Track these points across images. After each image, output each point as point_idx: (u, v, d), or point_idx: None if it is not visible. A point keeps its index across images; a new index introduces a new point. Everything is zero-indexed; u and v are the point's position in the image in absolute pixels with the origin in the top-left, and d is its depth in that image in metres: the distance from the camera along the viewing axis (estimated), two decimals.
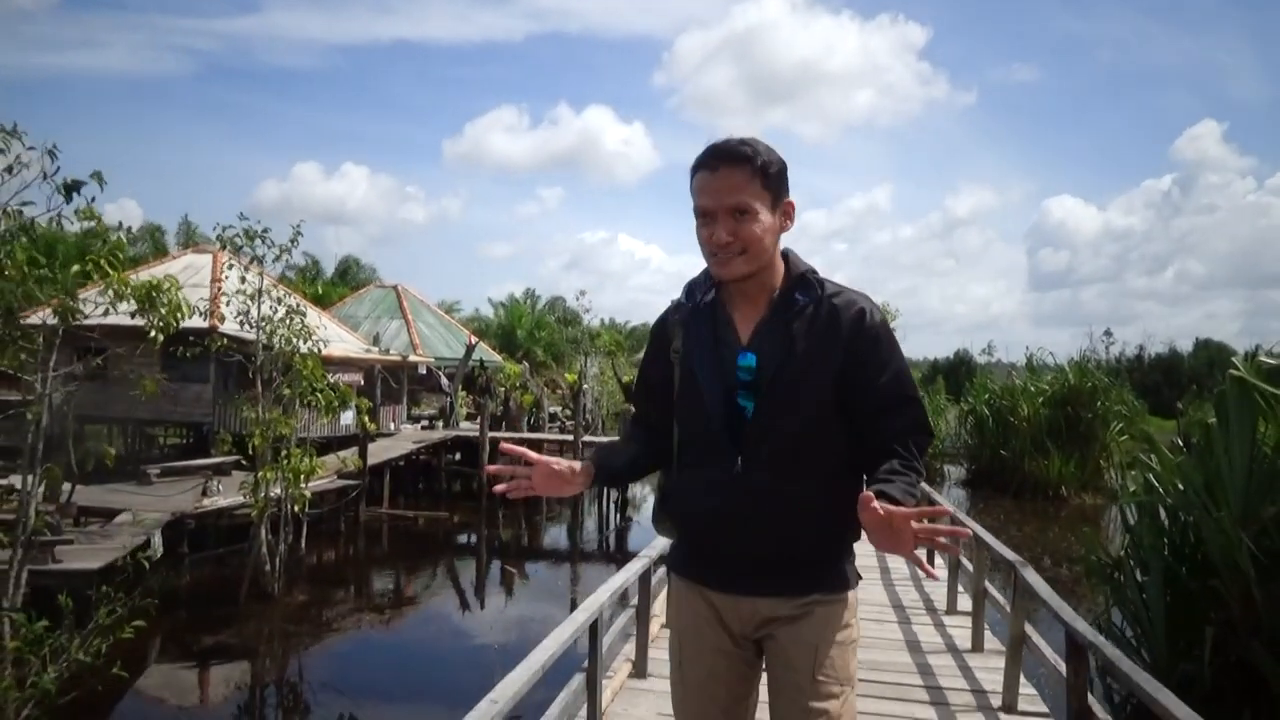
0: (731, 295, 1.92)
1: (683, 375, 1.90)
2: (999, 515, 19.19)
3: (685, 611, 1.98)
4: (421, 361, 25.69)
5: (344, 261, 44.33)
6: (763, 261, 1.84)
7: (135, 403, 13.77)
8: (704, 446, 1.86)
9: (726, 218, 1.77)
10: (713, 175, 1.78)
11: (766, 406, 1.80)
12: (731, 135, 1.82)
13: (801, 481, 1.81)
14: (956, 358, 49.19)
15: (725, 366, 1.85)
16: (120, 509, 11.69)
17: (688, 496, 1.91)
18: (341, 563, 14.60)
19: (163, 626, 10.01)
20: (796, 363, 1.80)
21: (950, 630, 6.03)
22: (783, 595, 1.85)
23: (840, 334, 1.82)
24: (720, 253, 1.79)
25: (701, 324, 1.91)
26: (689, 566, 1.98)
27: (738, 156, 1.77)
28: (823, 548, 1.88)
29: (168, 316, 7.30)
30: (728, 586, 1.89)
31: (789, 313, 1.84)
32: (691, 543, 1.96)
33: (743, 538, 1.83)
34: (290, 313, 11.20)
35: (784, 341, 1.82)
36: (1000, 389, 24.41)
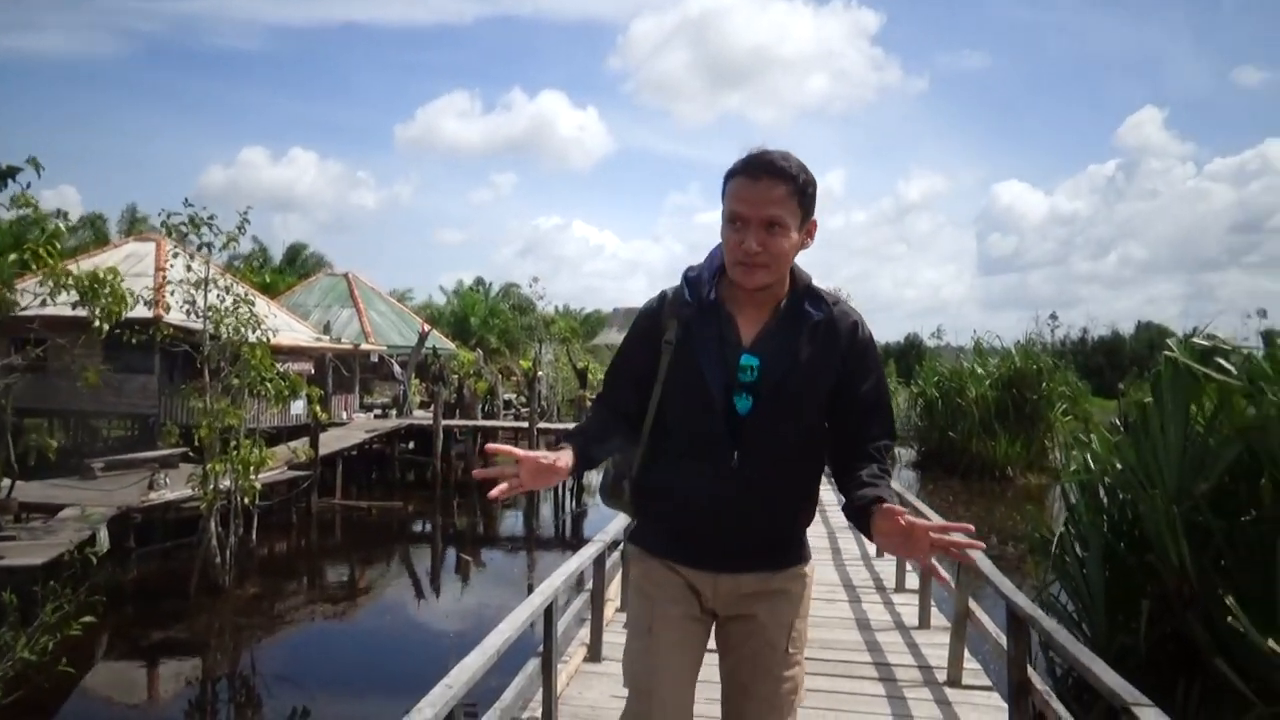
0: (736, 296, 1.96)
1: (680, 367, 1.94)
2: (948, 496, 19.59)
3: (656, 580, 2.02)
4: (374, 350, 25.42)
5: (292, 248, 43.44)
6: (781, 274, 1.92)
7: (77, 394, 13.50)
8: (700, 439, 1.92)
9: (760, 229, 1.82)
10: (754, 184, 1.82)
11: (767, 408, 1.88)
12: (769, 147, 1.87)
13: (790, 475, 1.95)
14: (907, 342, 50.01)
15: (727, 365, 1.91)
16: (64, 504, 11.43)
17: (680, 485, 1.95)
18: (294, 554, 14.44)
19: (110, 623, 9.81)
20: (801, 371, 1.89)
21: (899, 608, 6.17)
22: (763, 570, 1.96)
23: (839, 346, 1.93)
24: (747, 262, 1.84)
25: (707, 321, 1.95)
26: (661, 543, 2.03)
27: (782, 172, 1.82)
28: (797, 528, 2.03)
29: (110, 307, 7.17)
30: (710, 565, 1.97)
31: (798, 323, 1.93)
32: (677, 529, 1.99)
33: (735, 525, 1.91)
34: (238, 301, 11.02)
35: (790, 350, 1.90)
36: (949, 372, 24.87)
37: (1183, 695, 5.96)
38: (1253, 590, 5.62)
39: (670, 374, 1.96)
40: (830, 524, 9.82)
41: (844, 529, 9.54)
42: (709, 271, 1.99)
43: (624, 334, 2.13)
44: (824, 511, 10.71)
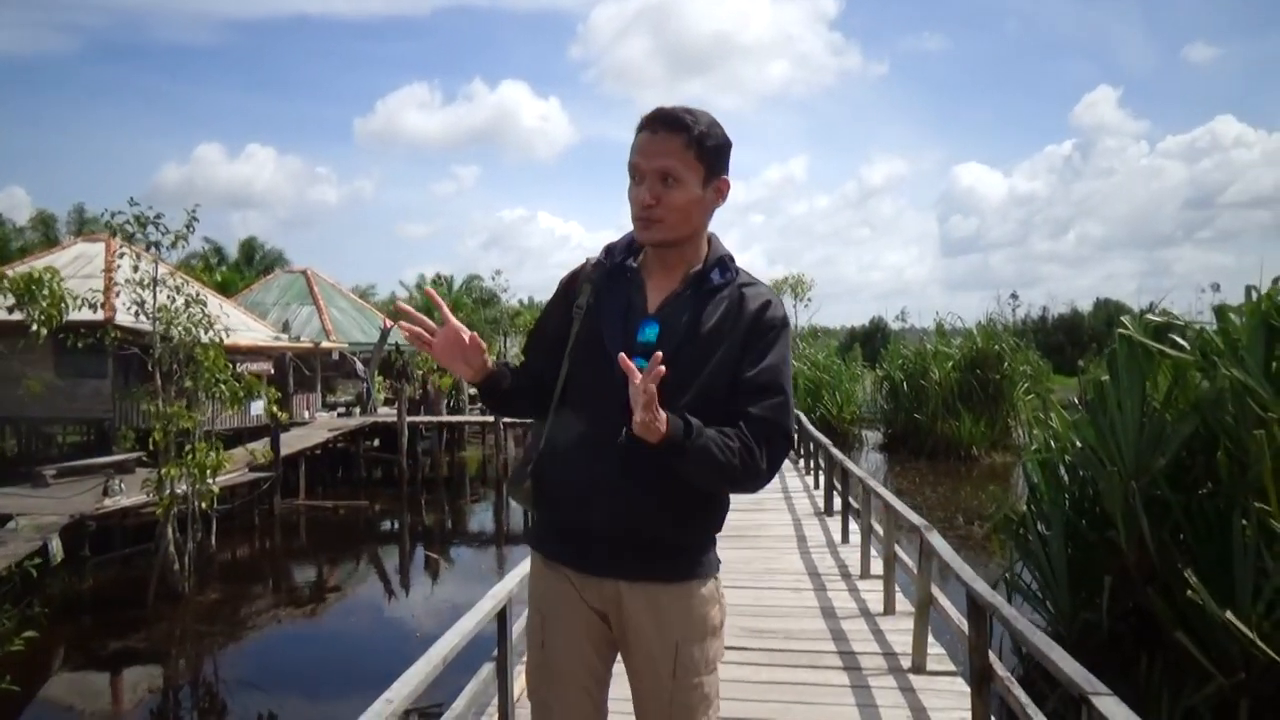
0: (650, 263, 1.89)
1: (584, 333, 1.85)
2: (914, 477, 19.73)
3: (547, 589, 1.92)
4: (335, 348, 25.07)
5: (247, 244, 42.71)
6: (682, 233, 1.81)
7: (26, 401, 13.14)
8: (590, 412, 1.80)
9: (654, 181, 1.75)
10: (651, 137, 1.76)
11: (666, 380, 1.70)
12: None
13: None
14: (872, 325, 50.41)
15: (628, 332, 1.81)
16: (13, 514, 11.12)
17: (567, 467, 1.82)
18: (257, 558, 14.21)
19: (66, 633, 9.61)
20: (699, 342, 1.77)
21: (863, 595, 6.14)
22: (651, 579, 1.81)
23: (744, 320, 1.80)
24: (643, 215, 1.77)
25: (616, 285, 1.87)
26: (549, 543, 1.92)
27: (676, 123, 1.75)
28: (690, 532, 1.85)
29: (49, 309, 6.94)
30: (589, 565, 1.84)
31: (701, 290, 1.83)
32: (558, 513, 1.88)
33: (618, 516, 1.76)
34: (189, 301, 10.76)
35: (691, 318, 1.79)
36: (913, 354, 25.04)
37: (1145, 669, 6.01)
38: (1211, 563, 5.67)
39: (576, 341, 1.86)
40: (796, 512, 9.80)
41: (809, 515, 9.53)
42: (628, 240, 1.92)
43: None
44: (789, 498, 10.70)
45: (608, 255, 1.92)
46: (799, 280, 49.48)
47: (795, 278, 49.81)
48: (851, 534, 7.97)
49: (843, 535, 8.11)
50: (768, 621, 5.53)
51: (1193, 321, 7.31)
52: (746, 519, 9.18)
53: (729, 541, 8.13)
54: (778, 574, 6.83)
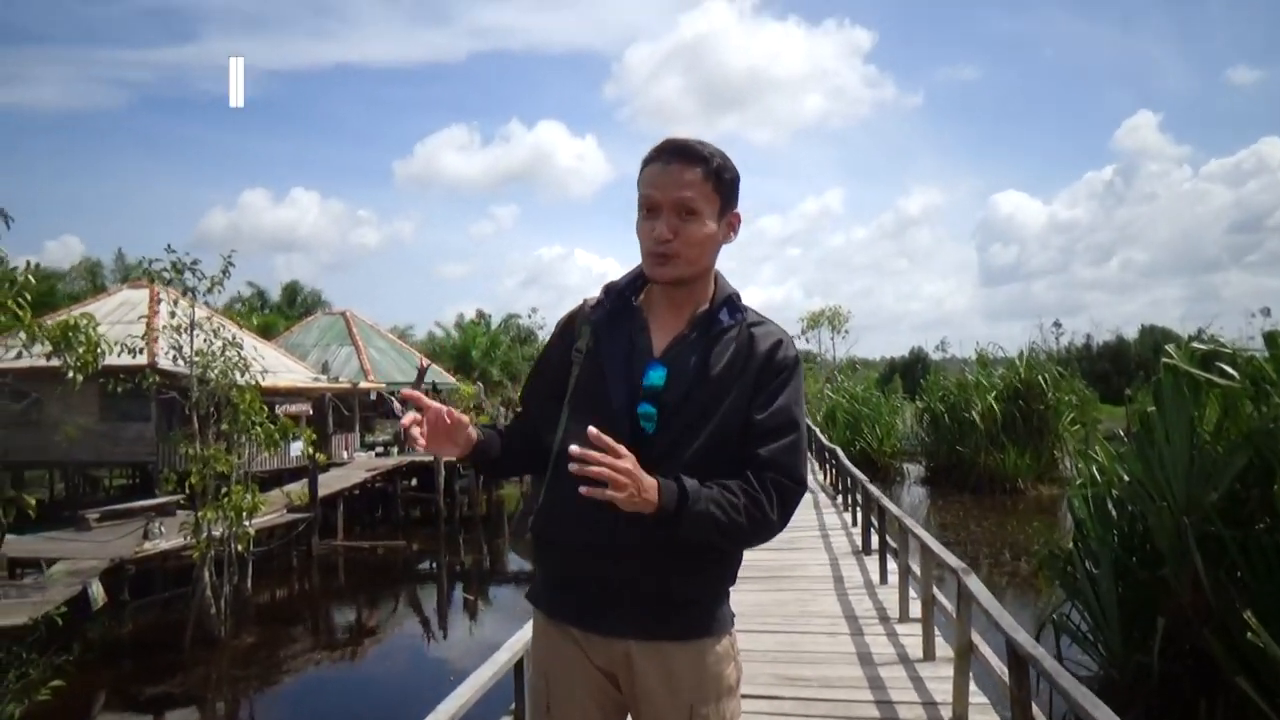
0: (655, 303, 1.80)
1: (585, 377, 1.76)
2: (958, 512, 19.30)
3: (551, 650, 1.81)
4: (373, 388, 25.28)
5: (289, 288, 43.48)
6: (698, 269, 1.74)
7: (75, 445, 13.35)
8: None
9: (671, 214, 1.68)
10: (664, 169, 1.69)
11: (671, 425, 1.67)
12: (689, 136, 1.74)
13: None
14: (912, 356, 49.77)
15: (633, 376, 1.72)
16: (55, 558, 11.24)
17: (565, 513, 1.71)
18: (294, 600, 14.21)
19: (105, 678, 9.65)
20: (708, 386, 1.68)
21: (902, 640, 5.92)
22: (658, 638, 1.70)
23: (755, 362, 1.72)
24: (658, 250, 1.69)
25: (618, 327, 1.78)
26: (552, 599, 1.81)
27: (693, 155, 1.69)
28: (702, 586, 1.75)
29: (85, 356, 7.00)
30: (595, 624, 1.73)
31: (711, 332, 1.74)
32: (561, 569, 1.79)
33: (621, 566, 1.66)
34: (226, 345, 10.88)
35: (699, 361, 1.71)
36: (954, 385, 24.62)
37: (1204, 715, 5.72)
38: (1271, 603, 5.39)
39: (577, 386, 1.77)
40: (833, 550, 9.56)
41: (846, 554, 9.29)
42: (631, 278, 1.84)
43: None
44: (826, 536, 10.47)
45: (608, 295, 1.82)
46: (836, 312, 49.09)
47: (833, 310, 49.44)
48: (890, 574, 7.74)
49: (881, 575, 7.87)
50: (802, 668, 5.35)
51: (1242, 348, 7.05)
52: (781, 558, 8.98)
53: (762, 583, 7.95)
54: (813, 617, 6.64)
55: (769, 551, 9.57)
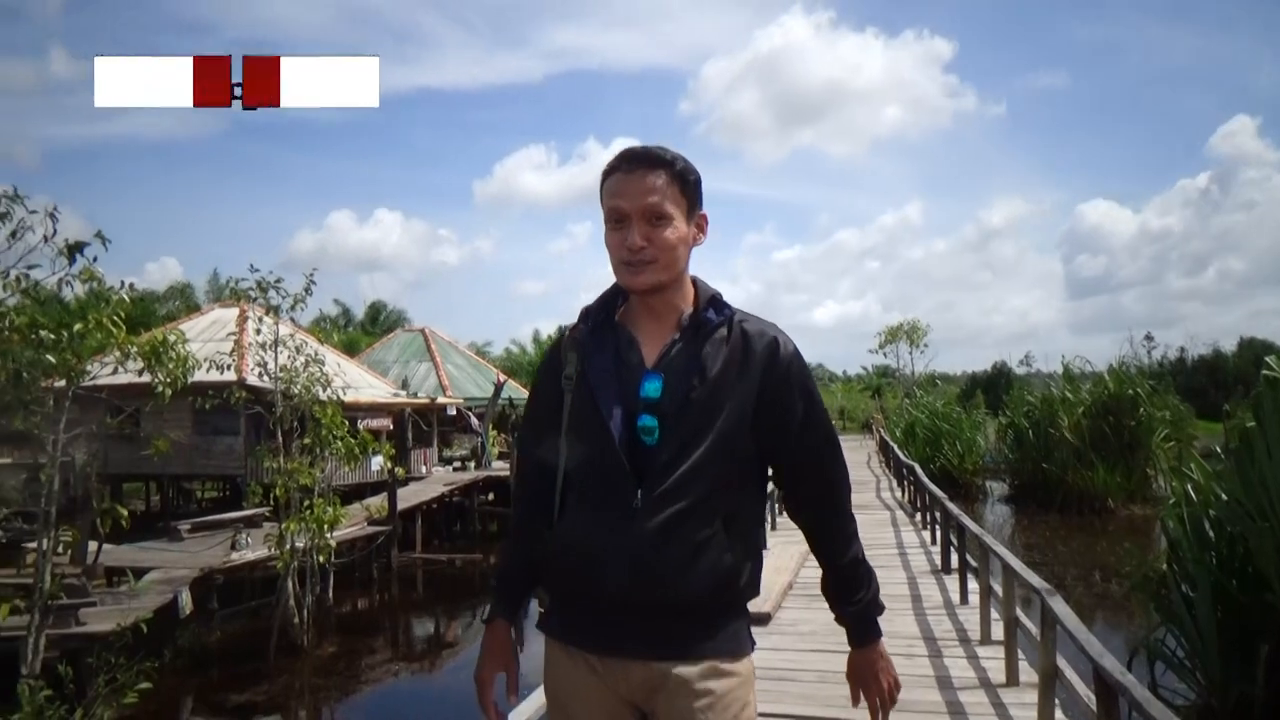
0: (637, 315, 1.78)
1: (578, 401, 1.73)
2: (1044, 531, 18.66)
3: (568, 682, 1.76)
4: (451, 403, 25.72)
5: (373, 307, 44.74)
6: (674, 272, 1.72)
7: (169, 459, 13.88)
8: (598, 481, 1.67)
9: (641, 222, 1.67)
10: (628, 178, 1.69)
11: (674, 433, 1.63)
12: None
13: (706, 522, 1.64)
14: (994, 371, 48.39)
15: (627, 389, 1.69)
16: (149, 567, 11.68)
17: (573, 540, 1.69)
18: (374, 611, 14.48)
19: (194, 685, 9.96)
20: (708, 387, 1.66)
21: (984, 663, 5.70)
22: (674, 658, 1.65)
23: (754, 362, 1.69)
24: (633, 259, 1.68)
25: (603, 344, 1.76)
26: (566, 627, 1.76)
27: (656, 160, 1.69)
28: (721, 602, 1.70)
29: (174, 371, 7.29)
30: (613, 648, 1.68)
31: (700, 333, 1.72)
32: (572, 595, 1.74)
33: (635, 584, 1.61)
34: (309, 361, 11.21)
35: (694, 364, 1.68)
36: (1039, 400, 23.85)
37: None
38: None
39: (571, 413, 1.74)
40: (911, 569, 9.31)
41: (925, 573, 9.03)
42: (604, 298, 1.83)
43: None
44: (904, 555, 10.21)
45: (587, 317, 1.81)
46: (915, 326, 48.14)
47: (911, 324, 48.51)
48: (971, 594, 7.48)
49: (961, 596, 7.62)
50: None
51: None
52: None
53: None
54: (890, 638, 6.31)
55: None
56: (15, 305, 6.64)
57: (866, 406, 48.44)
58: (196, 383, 9.63)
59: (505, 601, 1.83)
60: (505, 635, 1.81)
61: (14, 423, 6.93)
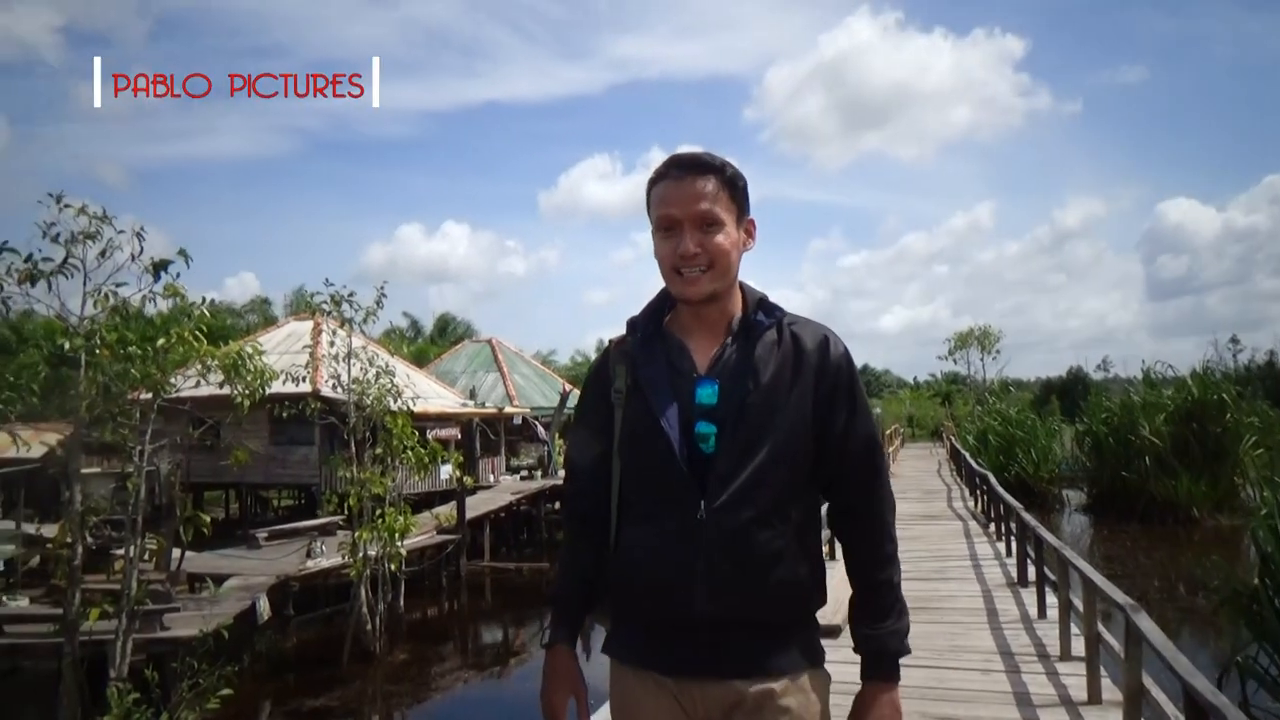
0: (686, 322, 1.75)
1: (631, 414, 1.69)
2: (1125, 542, 18.03)
3: (636, 703, 1.70)
4: (517, 412, 25.98)
5: (442, 319, 45.54)
6: (729, 280, 1.70)
7: (248, 468, 14.33)
8: (659, 494, 1.63)
9: (694, 229, 1.65)
10: (678, 184, 1.66)
11: (732, 440, 1.59)
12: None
13: (773, 528, 1.60)
14: (1070, 376, 47.02)
15: (682, 397, 1.66)
16: (229, 574, 12.03)
17: (637, 556, 1.65)
18: (444, 619, 14.69)
19: (271, 690, 10.23)
20: (763, 391, 1.62)
21: (1064, 680, 5.52)
22: (751, 675, 1.61)
23: (808, 362, 1.66)
24: (686, 267, 1.65)
25: (653, 354, 1.72)
26: (637, 649, 1.70)
27: (706, 166, 1.67)
28: (796, 611, 1.67)
29: (252, 383, 7.51)
30: (689, 668, 1.63)
31: (751, 336, 1.69)
32: (641, 615, 1.68)
33: (707, 599, 1.57)
34: (379, 373, 11.45)
35: (748, 368, 1.64)
36: (1118, 406, 23.09)
37: None
38: None
39: (625, 427, 1.70)
40: (986, 582, 9.07)
41: (1001, 587, 8.79)
42: (652, 308, 1.80)
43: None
44: (978, 567, 9.97)
45: (635, 327, 1.78)
46: (986, 331, 47.08)
47: (982, 329, 47.45)
48: (1050, 608, 7.26)
49: (1039, 610, 7.39)
50: (952, 708, 5.07)
51: None
52: (930, 589, 8.60)
53: (909, 614, 7.60)
54: (964, 652, 6.29)
55: (916, 581, 9.19)
56: (105, 321, 6.93)
57: (936, 414, 47.55)
58: (273, 394, 9.92)
59: (565, 625, 1.79)
60: (570, 660, 1.77)
61: (103, 433, 7.22)
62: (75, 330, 6.77)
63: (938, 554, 10.96)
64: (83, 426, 7.09)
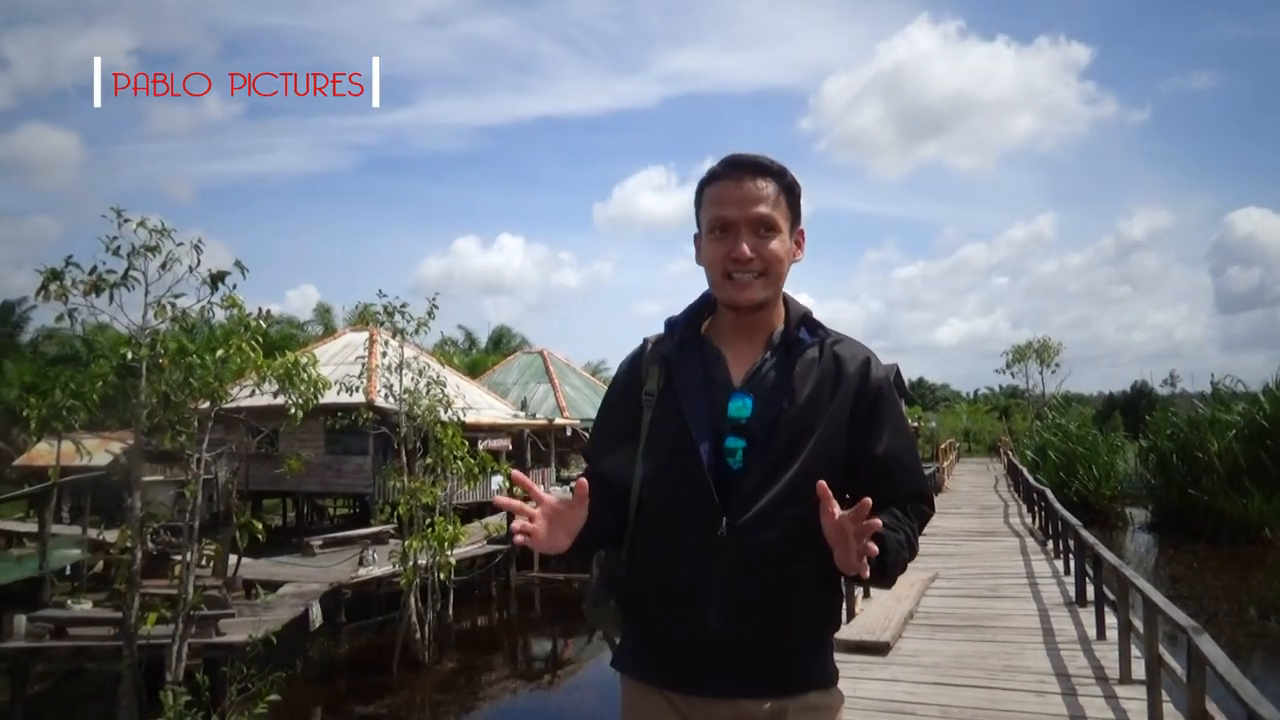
0: (725, 330, 1.70)
1: (660, 418, 1.64)
2: (1191, 562, 17.43)
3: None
4: (568, 424, 26.07)
5: (497, 331, 46.02)
6: (778, 289, 1.66)
7: (304, 476, 14.60)
8: (681, 505, 1.57)
9: (749, 232, 1.60)
10: (736, 185, 1.61)
11: (761, 457, 1.54)
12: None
13: (795, 550, 1.54)
14: (1134, 391, 45.79)
15: (714, 409, 1.61)
16: (283, 580, 12.24)
17: (652, 568, 1.60)
18: (493, 628, 14.77)
19: (322, 695, 10.37)
20: (798, 410, 1.57)
21: (1123, 704, 5.33)
22: (767, 694, 1.56)
23: (847, 384, 1.61)
24: (739, 271, 1.60)
25: (690, 361, 1.67)
26: (646, 663, 1.65)
27: (766, 169, 1.62)
28: (812, 633, 1.62)
29: (306, 393, 7.64)
30: (698, 685, 1.58)
31: (791, 353, 1.63)
32: (653, 629, 1.63)
33: (720, 617, 1.53)
34: (431, 383, 11.58)
35: (785, 385, 1.59)
36: (1185, 422, 22.40)
37: None
38: None
39: (652, 430, 1.64)
40: (1042, 600, 8.83)
41: (1058, 606, 8.54)
42: (691, 311, 1.74)
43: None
44: (1034, 585, 9.71)
45: (673, 328, 1.72)
46: (1045, 345, 46.07)
47: (1041, 342, 46.43)
48: (1109, 629, 7.03)
49: (1098, 630, 7.16)
50: None
51: None
52: (984, 607, 8.40)
53: (962, 633, 7.46)
54: (1019, 673, 6.11)
55: (969, 598, 9.00)
56: (167, 332, 7.13)
57: (993, 428, 46.61)
58: (327, 404, 10.10)
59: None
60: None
61: (163, 441, 7.41)
62: (138, 340, 6.98)
63: (992, 571, 10.71)
64: (144, 434, 7.29)
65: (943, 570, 10.59)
